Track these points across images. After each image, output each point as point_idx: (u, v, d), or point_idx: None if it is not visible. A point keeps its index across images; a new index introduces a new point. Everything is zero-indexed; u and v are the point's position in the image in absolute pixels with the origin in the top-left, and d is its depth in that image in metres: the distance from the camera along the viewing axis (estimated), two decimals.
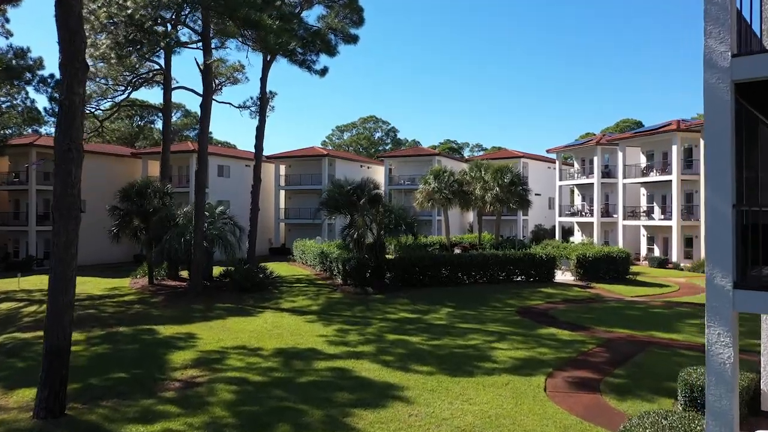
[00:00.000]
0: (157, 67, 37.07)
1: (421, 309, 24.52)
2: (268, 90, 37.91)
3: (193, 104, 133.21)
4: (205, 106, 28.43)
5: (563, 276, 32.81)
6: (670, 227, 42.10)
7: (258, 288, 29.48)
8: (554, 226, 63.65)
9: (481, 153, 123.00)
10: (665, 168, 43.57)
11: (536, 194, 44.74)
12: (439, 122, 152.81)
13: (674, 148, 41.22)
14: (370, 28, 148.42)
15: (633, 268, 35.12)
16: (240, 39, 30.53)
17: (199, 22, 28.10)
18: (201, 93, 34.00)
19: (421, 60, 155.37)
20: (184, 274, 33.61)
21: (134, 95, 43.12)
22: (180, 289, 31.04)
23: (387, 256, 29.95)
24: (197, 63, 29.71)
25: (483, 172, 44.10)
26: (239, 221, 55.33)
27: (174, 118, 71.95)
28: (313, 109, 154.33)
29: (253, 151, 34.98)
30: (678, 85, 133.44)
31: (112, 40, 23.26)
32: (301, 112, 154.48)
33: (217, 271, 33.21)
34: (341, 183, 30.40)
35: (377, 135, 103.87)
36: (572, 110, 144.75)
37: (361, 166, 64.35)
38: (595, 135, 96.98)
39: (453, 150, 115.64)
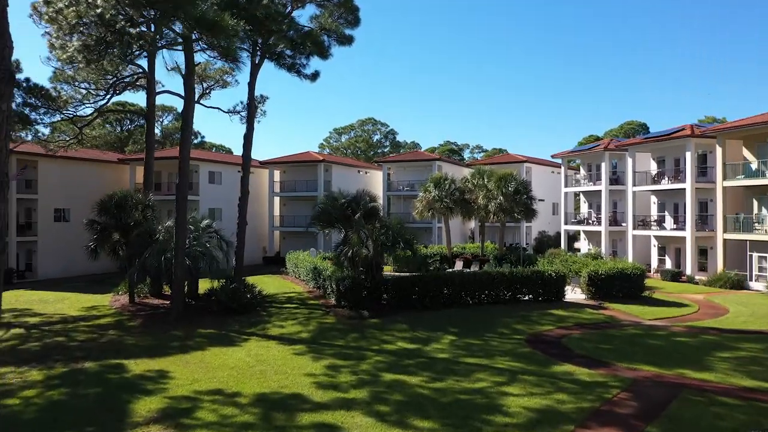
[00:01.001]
0: (141, 70, 34.83)
1: (421, 337, 22.32)
2: (258, 94, 35.83)
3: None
4: (186, 115, 26.23)
5: (573, 293, 30.63)
6: (683, 238, 39.92)
7: (245, 309, 27.28)
8: (558, 233, 61.58)
9: (482, 155, 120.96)
10: (678, 175, 41.38)
11: (540, 200, 42.52)
12: (438, 124, 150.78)
13: (688, 154, 39.04)
14: (368, 29, 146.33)
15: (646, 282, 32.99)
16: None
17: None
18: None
19: (420, 60, 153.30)
20: (169, 290, 31.41)
21: (125, 98, 41.20)
22: (162, 309, 28.88)
23: (385, 268, 27.69)
24: (178, 67, 27.54)
25: (486, 180, 42.00)
26: (231, 231, 54.21)
27: (166, 122, 69.81)
28: (310, 111, 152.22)
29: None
30: (678, 85, 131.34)
31: (81, 43, 21.00)
32: (298, 114, 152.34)
33: (204, 285, 30.91)
34: (335, 195, 28.21)
35: (376, 137, 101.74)
36: (573, 111, 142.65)
37: (359, 172, 62.23)
38: (599, 138, 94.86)
39: (453, 152, 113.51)
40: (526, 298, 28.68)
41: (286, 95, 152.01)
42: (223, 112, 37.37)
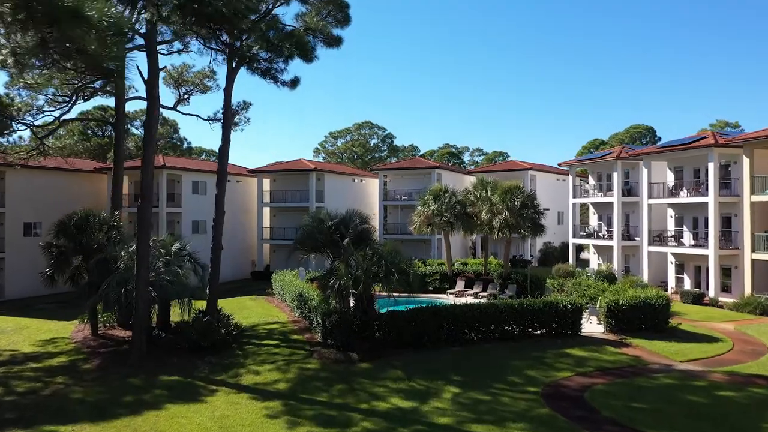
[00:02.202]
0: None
1: (418, 389, 18.98)
2: (241, 100, 32.59)
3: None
4: (149, 125, 22.87)
5: (589, 323, 27.23)
6: (704, 256, 36.58)
7: (218, 348, 23.92)
8: (564, 243, 58.34)
9: (482, 158, 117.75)
10: (698, 188, 38.06)
11: (545, 209, 39.25)
12: (437, 126, 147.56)
13: (711, 165, 35.70)
14: (365, 29, 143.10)
15: (651, 289, 29.60)
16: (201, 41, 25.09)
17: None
18: (168, 104, 28.82)
19: (418, 61, 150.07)
20: None
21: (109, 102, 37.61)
22: (128, 344, 25.48)
23: (377, 287, 24.21)
24: (139, 71, 24.22)
25: (489, 192, 38.67)
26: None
27: None
28: (305, 114, 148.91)
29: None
30: (686, 87, 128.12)
31: (14, 43, 17.63)
32: (293, 117, 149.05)
33: (178, 311, 27.25)
34: (321, 216, 24.87)
35: (373, 141, 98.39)
36: (576, 113, 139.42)
37: (354, 180, 58.93)
38: (603, 142, 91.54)
39: (452, 155, 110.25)
40: (539, 332, 25.33)
41: (279, 98, 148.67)
42: (203, 119, 34.07)
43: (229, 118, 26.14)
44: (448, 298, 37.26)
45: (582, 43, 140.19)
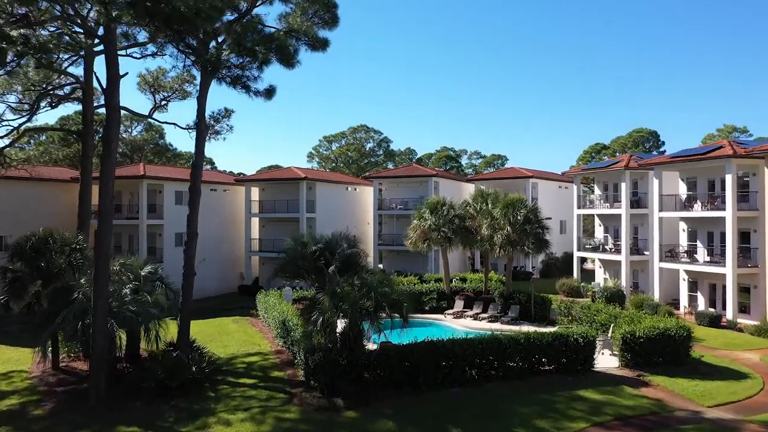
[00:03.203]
0: (72, 79, 28.83)
1: None
2: (222, 108, 30.02)
3: (169, 114, 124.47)
4: (108, 137, 20.23)
5: (601, 354, 24.59)
6: (721, 275, 34.03)
7: (189, 387, 21.26)
8: (566, 253, 55.88)
9: (480, 161, 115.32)
10: (713, 201, 35.51)
11: (547, 218, 36.69)
12: (435, 129, 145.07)
13: (729, 177, 33.16)
14: (359, 28, 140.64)
15: (671, 318, 26.97)
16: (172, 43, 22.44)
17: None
18: (145, 112, 26.17)
19: (415, 63, 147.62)
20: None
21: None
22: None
23: None
24: (97, 78, 21.60)
25: (490, 205, 36.12)
26: (200, 258, 47.96)
27: (135, 132, 63.64)
28: (298, 118, 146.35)
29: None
30: (689, 90, 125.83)
31: None
32: (286, 121, 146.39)
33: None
34: (304, 240, 22.25)
35: (368, 146, 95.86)
36: (576, 116, 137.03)
37: (347, 189, 56.35)
38: (605, 146, 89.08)
39: (450, 158, 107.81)
40: (547, 367, 22.73)
41: (272, 101, 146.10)
42: (181, 128, 31.36)
43: (203, 129, 23.49)
44: (446, 319, 34.80)
45: (579, 43, 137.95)
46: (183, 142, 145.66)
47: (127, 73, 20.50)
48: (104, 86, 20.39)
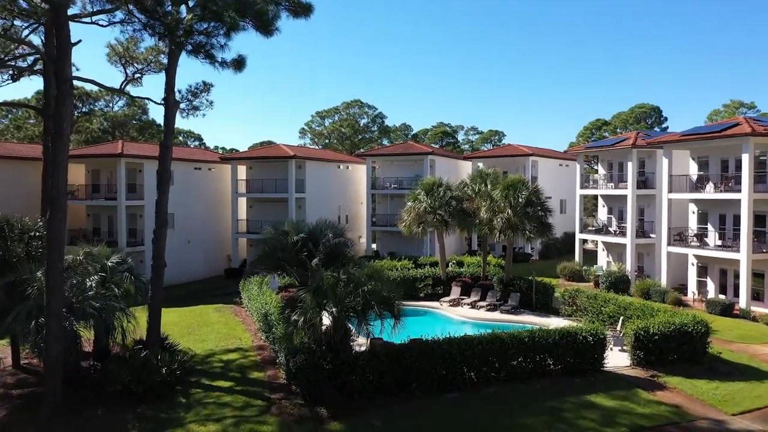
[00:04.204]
0: (33, 50, 26.14)
1: None
2: (200, 81, 27.41)
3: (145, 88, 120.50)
4: (59, 114, 17.82)
5: (609, 350, 22.43)
6: (734, 260, 32.01)
7: (157, 393, 19.17)
8: (566, 234, 53.88)
9: (477, 137, 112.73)
10: (727, 181, 33.32)
11: (547, 197, 34.39)
12: (430, 104, 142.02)
13: (745, 157, 30.94)
14: (353, 2, 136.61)
15: (686, 312, 24.92)
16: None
17: None
18: (116, 86, 23.63)
19: (410, 37, 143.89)
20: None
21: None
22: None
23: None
24: (42, 48, 19.08)
25: (489, 186, 33.83)
26: (185, 240, 45.91)
27: (116, 108, 60.80)
28: (291, 92, 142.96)
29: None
30: (692, 63, 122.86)
31: None
32: (278, 95, 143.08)
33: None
34: (285, 229, 19.99)
35: (363, 121, 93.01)
36: (576, 91, 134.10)
37: (339, 167, 53.92)
38: (606, 122, 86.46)
39: (446, 134, 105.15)
40: (553, 367, 20.71)
41: (261, 74, 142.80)
42: (155, 103, 28.68)
43: (173, 105, 21.02)
44: (442, 307, 32.82)
45: (578, 16, 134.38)
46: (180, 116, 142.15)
47: (79, 41, 17.96)
48: (42, 48, 17.84)
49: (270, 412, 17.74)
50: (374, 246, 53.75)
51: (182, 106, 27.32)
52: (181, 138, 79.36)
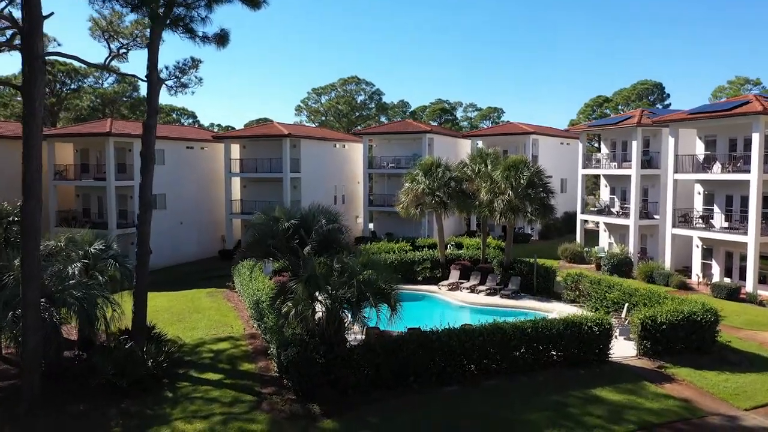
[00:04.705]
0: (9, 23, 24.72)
1: None
2: (188, 57, 26.12)
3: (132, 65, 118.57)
4: (30, 92, 16.61)
5: (615, 340, 21.56)
6: (741, 243, 31.11)
7: (143, 384, 18.31)
8: (567, 213, 52.89)
9: (476, 114, 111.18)
10: (735, 162, 32.26)
11: (547, 177, 33.23)
12: (428, 81, 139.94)
13: (755, 136, 29.85)
14: None
15: (689, 296, 24.09)
16: None
17: None
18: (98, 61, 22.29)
19: (408, 12, 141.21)
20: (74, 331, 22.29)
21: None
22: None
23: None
24: (10, 20, 17.83)
25: (490, 167, 32.74)
26: (178, 221, 44.76)
27: (106, 85, 59.19)
28: (287, 68, 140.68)
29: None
30: (695, 37, 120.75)
31: None
32: (273, 71, 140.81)
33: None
34: (276, 215, 18.93)
35: (359, 98, 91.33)
36: (574, 65, 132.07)
37: (335, 146, 52.71)
38: (608, 99, 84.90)
39: (445, 111, 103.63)
40: (556, 357, 19.85)
41: (256, 48, 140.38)
42: (142, 80, 27.43)
43: (156, 83, 19.80)
44: (440, 291, 31.96)
45: None
46: (161, 95, 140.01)
47: (52, 13, 16.72)
48: (25, 30, 16.58)
49: (260, 408, 16.87)
50: (371, 226, 52.77)
51: (170, 83, 26.16)
52: (174, 115, 77.70)
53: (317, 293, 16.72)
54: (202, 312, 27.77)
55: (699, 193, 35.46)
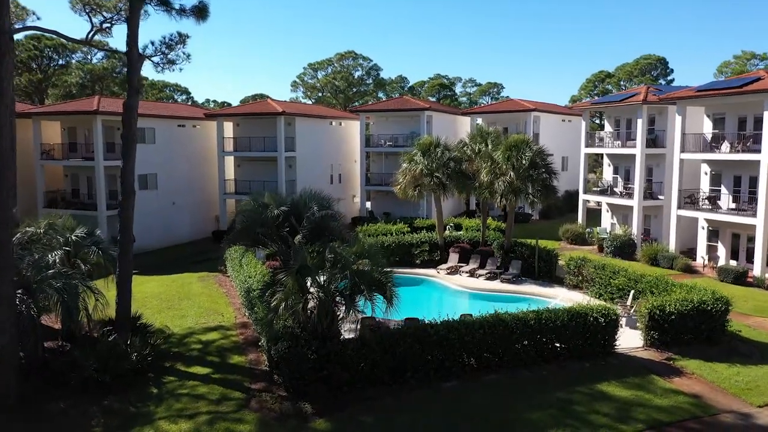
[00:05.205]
0: None
1: None
2: (175, 32, 24.81)
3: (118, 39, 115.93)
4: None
5: (621, 330, 20.65)
6: (749, 225, 30.14)
7: (127, 379, 17.45)
8: (568, 192, 51.76)
9: (475, 89, 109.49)
10: (745, 141, 31.12)
11: (548, 154, 32.06)
12: (427, 55, 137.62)
13: (767, 114, 28.65)
14: None
15: (693, 281, 23.12)
16: None
17: None
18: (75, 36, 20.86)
19: None
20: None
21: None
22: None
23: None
24: None
25: (490, 146, 31.58)
26: (170, 202, 43.64)
27: (95, 60, 57.50)
28: (282, 43, 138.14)
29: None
30: (693, 8, 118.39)
31: None
32: (269, 45, 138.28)
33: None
34: (265, 201, 17.85)
35: (357, 74, 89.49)
36: (577, 41, 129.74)
37: (331, 123, 51.36)
38: (611, 74, 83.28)
39: (443, 86, 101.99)
40: (559, 347, 18.98)
41: (252, 23, 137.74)
42: (123, 54, 26.09)
43: (136, 60, 18.58)
44: (439, 276, 31.09)
45: None
46: (154, 72, 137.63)
47: None
48: None
49: (249, 406, 16.00)
50: (368, 206, 51.76)
51: (156, 60, 24.88)
52: (167, 91, 76.05)
53: (309, 285, 15.73)
54: (192, 298, 26.86)
55: (705, 174, 34.37)
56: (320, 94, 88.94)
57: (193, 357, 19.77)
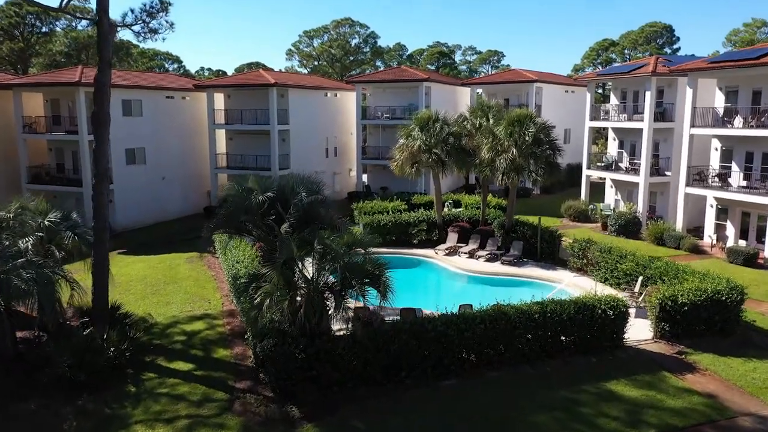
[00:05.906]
0: None
1: None
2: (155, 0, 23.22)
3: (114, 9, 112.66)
4: None
5: (630, 320, 19.50)
6: (760, 204, 28.84)
7: (104, 376, 16.34)
8: (570, 166, 50.24)
9: (475, 57, 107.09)
10: (760, 115, 29.61)
11: (551, 126, 30.58)
12: (425, 23, 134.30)
13: None
14: None
15: (701, 263, 21.84)
16: None
17: None
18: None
19: None
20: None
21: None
22: None
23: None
24: None
25: (491, 121, 30.08)
26: (159, 177, 42.16)
27: (80, 28, 55.22)
28: (278, 8, 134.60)
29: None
30: None
31: None
32: (264, 12, 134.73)
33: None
34: (250, 185, 16.45)
35: (354, 42, 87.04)
36: (579, 6, 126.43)
37: (326, 95, 49.55)
38: (615, 43, 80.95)
39: (443, 55, 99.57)
40: (564, 341, 17.85)
41: None
42: (92, 21, 24.36)
43: (107, 30, 17.00)
44: (437, 257, 29.91)
45: None
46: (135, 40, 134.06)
47: None
48: None
49: (232, 409, 14.88)
50: (365, 179, 50.35)
51: (137, 29, 23.26)
52: (157, 60, 73.75)
53: (296, 279, 14.49)
54: (179, 282, 25.67)
55: (716, 149, 32.91)
56: (316, 63, 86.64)
57: (175, 350, 18.63)
